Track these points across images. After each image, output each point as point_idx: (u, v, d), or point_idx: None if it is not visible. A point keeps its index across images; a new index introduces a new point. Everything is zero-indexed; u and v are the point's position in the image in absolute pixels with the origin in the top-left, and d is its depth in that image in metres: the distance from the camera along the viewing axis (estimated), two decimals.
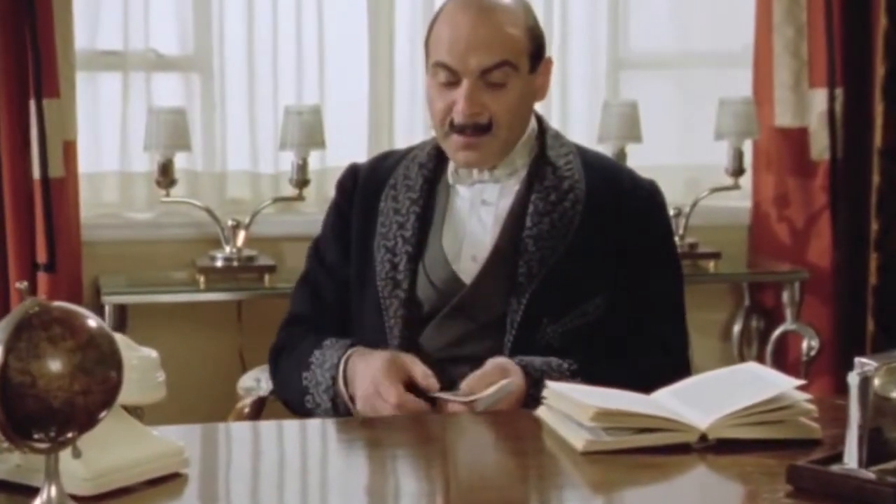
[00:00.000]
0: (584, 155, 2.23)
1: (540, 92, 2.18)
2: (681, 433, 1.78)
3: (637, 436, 1.77)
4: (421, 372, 1.96)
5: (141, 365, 1.63)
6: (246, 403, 2.39)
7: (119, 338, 1.59)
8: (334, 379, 2.04)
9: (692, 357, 2.27)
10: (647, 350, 2.12)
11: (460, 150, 2.10)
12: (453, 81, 2.08)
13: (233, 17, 3.55)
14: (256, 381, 2.45)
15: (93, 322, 1.46)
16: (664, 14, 3.84)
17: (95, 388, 1.43)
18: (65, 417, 1.41)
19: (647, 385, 1.87)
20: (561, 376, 2.00)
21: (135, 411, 1.72)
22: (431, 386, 1.96)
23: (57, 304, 1.44)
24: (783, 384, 1.86)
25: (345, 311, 2.19)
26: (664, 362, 2.10)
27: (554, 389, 1.92)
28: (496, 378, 1.96)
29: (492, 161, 2.13)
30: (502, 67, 2.07)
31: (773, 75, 3.73)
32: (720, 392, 1.87)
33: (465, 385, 1.95)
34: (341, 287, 2.20)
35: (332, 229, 2.26)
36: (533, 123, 2.21)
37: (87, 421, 1.43)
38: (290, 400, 2.16)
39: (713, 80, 3.80)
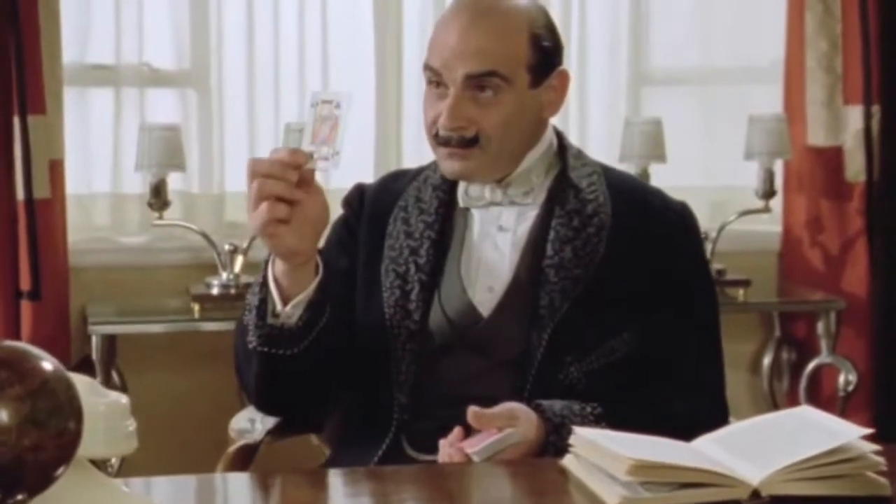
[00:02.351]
0: (609, 175, 2.08)
1: (550, 107, 2.02)
2: (730, 489, 1.60)
3: (680, 492, 1.60)
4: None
5: (109, 412, 1.44)
6: (238, 447, 2.18)
7: (83, 381, 1.41)
8: (262, 283, 1.85)
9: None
10: (680, 391, 1.98)
11: (447, 159, 1.98)
12: (443, 90, 1.95)
13: (232, 29, 3.48)
14: (251, 423, 2.24)
15: (47, 364, 1.27)
16: (687, 28, 3.77)
17: (49, 443, 1.25)
18: (12, 478, 1.23)
19: (681, 431, 1.72)
20: (584, 422, 1.86)
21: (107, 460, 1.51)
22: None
23: (4, 343, 1.24)
24: (846, 433, 1.66)
25: (346, 316, 2.01)
26: (700, 405, 1.97)
27: (582, 436, 1.72)
28: (501, 422, 1.81)
29: (484, 173, 1.99)
30: (490, 78, 1.93)
31: (805, 91, 3.64)
32: (772, 441, 1.69)
33: (470, 415, 1.80)
34: (346, 291, 2.02)
35: (338, 242, 2.11)
36: (552, 139, 2.06)
37: (39, 480, 1.26)
38: (243, 371, 1.96)
39: (739, 97, 3.71)
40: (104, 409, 1.43)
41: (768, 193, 3.52)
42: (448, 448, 1.81)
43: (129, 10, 3.40)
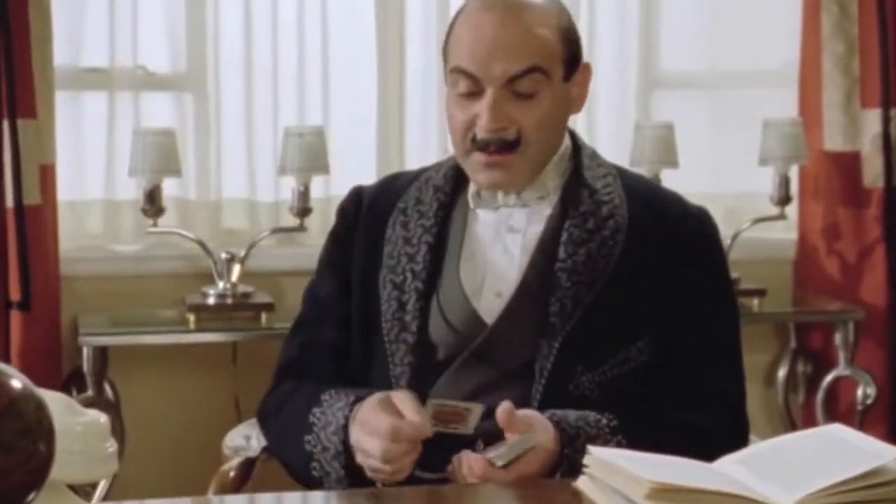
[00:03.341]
0: (625, 177, 2.01)
1: (576, 103, 1.96)
2: None
3: None
4: (412, 409, 1.73)
5: (86, 433, 1.34)
6: (232, 465, 2.07)
7: (57, 399, 1.32)
8: (344, 443, 1.81)
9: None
10: (698, 403, 1.90)
11: (483, 169, 1.89)
12: (475, 91, 1.87)
13: (229, 31, 3.41)
14: (246, 439, 2.15)
15: (15, 382, 1.18)
16: (698, 30, 3.68)
17: (17, 468, 1.17)
18: None
19: (700, 446, 1.66)
20: (599, 433, 1.79)
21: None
22: (422, 427, 1.71)
23: None
24: (882, 454, 1.56)
25: (342, 354, 1.97)
26: (718, 418, 1.89)
27: (598, 457, 1.62)
28: (520, 428, 1.74)
29: (520, 183, 1.92)
30: (532, 74, 1.85)
31: (821, 95, 3.56)
32: (802, 462, 1.59)
33: (501, 408, 1.73)
34: (336, 324, 1.98)
35: (326, 261, 2.05)
36: (566, 140, 1.99)
37: None
38: (291, 465, 1.94)
39: (752, 101, 3.64)
40: (81, 430, 1.34)
41: (784, 200, 3.45)
42: (466, 458, 1.73)
43: (124, 11, 3.33)
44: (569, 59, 1.90)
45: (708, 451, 1.64)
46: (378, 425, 1.72)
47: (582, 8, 3.57)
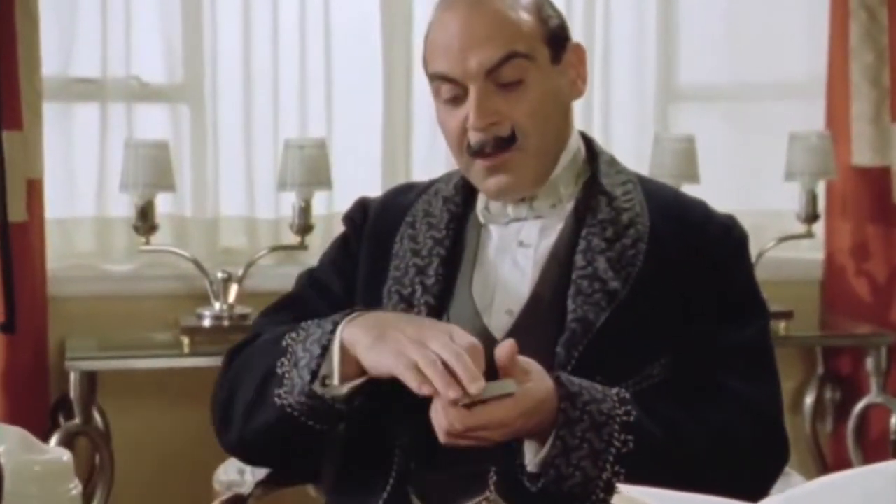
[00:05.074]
0: (647, 185, 1.89)
1: (574, 87, 1.84)
2: None
3: None
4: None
5: (45, 474, 1.19)
6: (222, 501, 1.92)
7: (13, 434, 1.20)
8: (325, 347, 1.66)
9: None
10: (722, 408, 1.77)
11: (488, 176, 1.78)
12: (459, 95, 1.76)
13: (227, 38, 3.36)
14: (240, 474, 2.04)
15: None
16: (718, 41, 3.64)
17: None
18: None
19: (722, 445, 1.65)
20: (605, 397, 1.66)
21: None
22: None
23: None
24: None
25: None
26: (746, 420, 1.76)
27: (628, 495, 1.43)
28: (513, 371, 1.61)
29: (530, 183, 1.80)
30: (512, 61, 1.74)
31: (849, 107, 3.48)
32: None
33: (501, 346, 1.62)
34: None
35: (333, 263, 1.93)
36: (579, 145, 1.88)
37: None
38: (242, 401, 1.76)
39: (776, 114, 3.61)
40: (39, 470, 1.19)
41: (811, 217, 3.37)
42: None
43: (117, 18, 3.27)
44: (551, 39, 1.79)
45: (730, 455, 1.63)
46: (439, 324, 1.62)
47: (598, 17, 3.50)
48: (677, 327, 1.77)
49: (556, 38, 1.78)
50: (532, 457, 1.63)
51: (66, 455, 1.20)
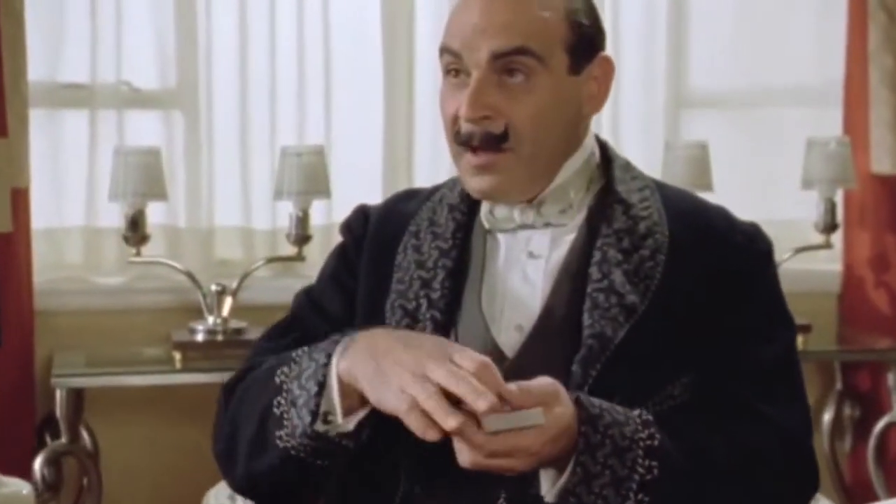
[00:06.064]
0: (665, 191, 1.82)
1: (591, 102, 1.76)
2: None
3: None
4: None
5: None
6: None
7: None
8: (322, 383, 1.58)
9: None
10: (747, 432, 1.70)
11: (473, 173, 1.72)
12: (459, 70, 1.70)
13: (222, 42, 3.33)
14: (230, 499, 1.97)
15: None
16: (729, 45, 3.61)
17: None
18: None
19: (753, 474, 1.59)
20: (628, 420, 1.58)
21: None
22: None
23: None
24: None
25: None
26: (775, 446, 1.68)
27: None
28: (538, 400, 1.52)
29: (516, 189, 1.73)
30: (520, 57, 1.67)
31: (867, 113, 3.45)
32: None
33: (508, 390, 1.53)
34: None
35: (332, 277, 1.86)
36: (594, 148, 1.80)
37: None
38: (244, 444, 1.69)
39: (791, 120, 3.60)
40: None
41: (830, 227, 3.32)
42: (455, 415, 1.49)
43: (106, 20, 3.24)
44: (577, 47, 1.71)
45: (759, 483, 1.59)
46: (438, 345, 1.53)
47: (606, 20, 3.40)
48: (700, 343, 1.69)
49: (583, 49, 1.71)
50: (549, 485, 1.53)
51: (25, 489, 1.11)
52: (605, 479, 1.50)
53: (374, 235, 1.82)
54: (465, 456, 1.47)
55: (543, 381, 1.54)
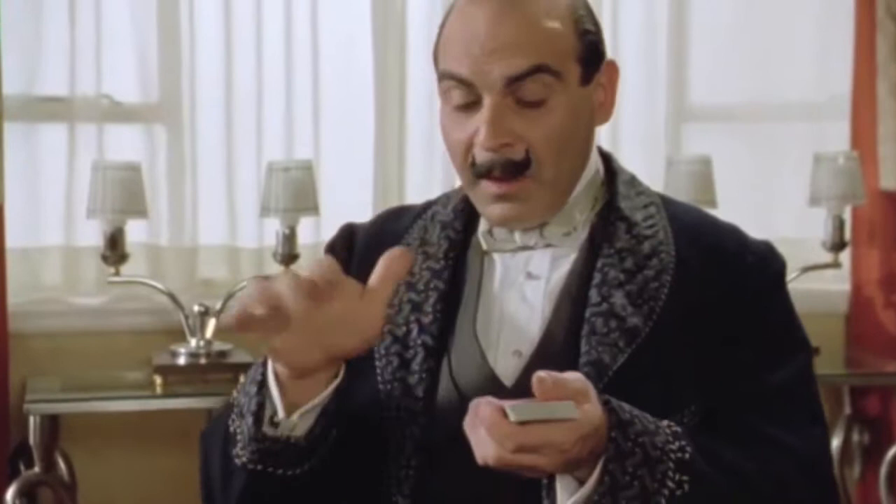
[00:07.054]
0: (671, 208, 1.76)
1: (601, 111, 1.71)
2: None
3: None
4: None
5: None
6: None
7: None
8: (261, 382, 1.53)
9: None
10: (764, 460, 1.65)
11: (494, 201, 1.65)
12: (471, 102, 1.63)
13: (207, 53, 3.31)
14: None
15: None
16: (733, 59, 3.61)
17: None
18: None
19: (778, 494, 1.53)
20: (658, 430, 1.51)
21: None
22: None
23: None
24: None
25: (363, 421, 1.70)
26: (799, 477, 1.62)
27: None
28: (570, 393, 1.45)
29: (541, 215, 1.68)
30: (538, 76, 1.60)
31: (875, 127, 3.42)
32: None
33: (535, 379, 1.45)
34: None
35: None
36: (598, 163, 1.74)
37: None
38: (217, 479, 1.65)
39: (796, 135, 3.60)
40: None
41: (838, 245, 3.27)
42: (480, 401, 1.44)
43: (86, 32, 3.21)
44: (587, 57, 1.65)
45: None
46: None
47: (606, 33, 3.35)
48: (709, 368, 1.62)
49: (591, 57, 1.65)
50: (566, 496, 1.45)
51: None
52: (634, 490, 1.42)
53: (361, 256, 1.75)
54: (489, 450, 1.38)
55: (574, 375, 1.47)
